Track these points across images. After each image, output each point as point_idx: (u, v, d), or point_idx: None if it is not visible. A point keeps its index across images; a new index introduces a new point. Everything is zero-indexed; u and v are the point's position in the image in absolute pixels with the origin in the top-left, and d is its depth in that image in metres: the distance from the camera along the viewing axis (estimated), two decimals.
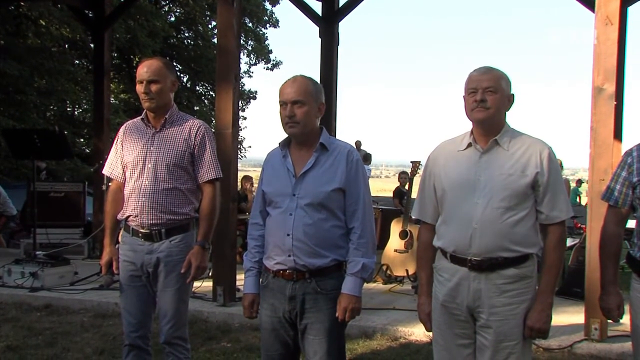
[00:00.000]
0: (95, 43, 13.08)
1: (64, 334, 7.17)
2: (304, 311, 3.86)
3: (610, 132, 7.19)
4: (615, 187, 4.04)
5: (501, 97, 3.71)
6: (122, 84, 25.56)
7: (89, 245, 11.93)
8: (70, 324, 7.59)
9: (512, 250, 3.68)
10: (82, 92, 23.18)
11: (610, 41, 7.08)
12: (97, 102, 12.98)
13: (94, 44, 13.36)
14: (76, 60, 23.93)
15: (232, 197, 8.64)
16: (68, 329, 7.41)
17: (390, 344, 7.06)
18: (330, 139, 4.00)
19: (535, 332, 3.73)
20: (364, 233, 3.90)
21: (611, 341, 6.98)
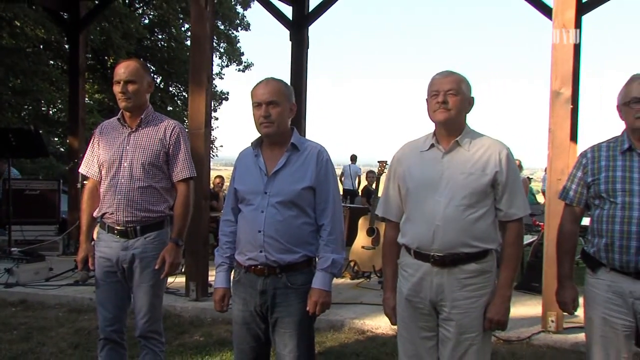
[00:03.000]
0: (70, 44, 12.99)
1: (39, 329, 7.12)
2: (275, 305, 3.87)
3: (567, 135, 7.29)
4: (571, 187, 4.11)
5: (462, 100, 3.76)
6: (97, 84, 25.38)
7: (64, 242, 11.82)
8: (45, 319, 7.53)
9: (473, 246, 3.72)
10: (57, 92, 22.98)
11: (566, 48, 7.17)
12: (71, 101, 12.89)
13: (69, 45, 13.27)
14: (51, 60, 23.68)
15: (205, 195, 8.67)
16: (43, 323, 7.35)
17: (357, 337, 7.11)
18: (301, 139, 4.02)
19: (495, 324, 3.78)
20: (333, 230, 3.92)
21: (567, 332, 7.07)
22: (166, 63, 26.40)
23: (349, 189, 22.86)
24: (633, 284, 3.83)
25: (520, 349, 6.79)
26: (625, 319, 3.89)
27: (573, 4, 7.24)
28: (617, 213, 3.85)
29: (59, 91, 22.83)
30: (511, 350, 6.72)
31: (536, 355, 6.60)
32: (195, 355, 6.31)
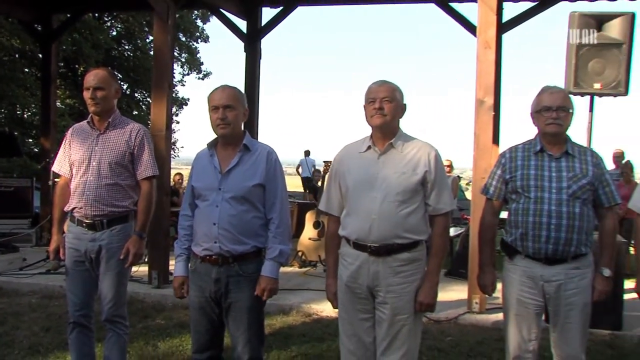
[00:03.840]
0: (43, 53, 12.79)
1: (14, 314, 7.01)
2: (228, 292, 3.88)
3: (490, 138, 7.40)
4: (492, 184, 4.20)
5: (396, 106, 3.82)
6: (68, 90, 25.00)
7: (37, 234, 11.60)
8: (19, 305, 7.41)
9: (405, 237, 3.77)
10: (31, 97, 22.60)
11: (489, 62, 7.31)
12: (44, 106, 12.69)
13: (42, 55, 13.05)
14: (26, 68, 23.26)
15: (166, 192, 8.61)
16: (17, 309, 7.23)
17: (304, 319, 7.14)
18: (252, 141, 4.03)
19: (425, 307, 3.84)
20: (281, 223, 3.94)
21: (488, 313, 7.20)
22: (132, 71, 26.15)
23: (307, 176, 23.21)
24: (543, 268, 3.96)
25: (448, 327, 6.89)
26: (536, 299, 4.01)
27: (494, 23, 7.39)
28: (530, 206, 3.94)
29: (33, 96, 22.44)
30: (440, 329, 6.81)
31: (462, 332, 6.70)
32: (157, 337, 6.27)
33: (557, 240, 3.89)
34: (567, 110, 4.02)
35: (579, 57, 6.77)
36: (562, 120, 3.98)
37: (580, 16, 6.84)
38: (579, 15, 6.84)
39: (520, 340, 4.09)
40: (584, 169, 3.98)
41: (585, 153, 4.08)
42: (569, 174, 3.96)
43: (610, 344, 6.43)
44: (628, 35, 6.76)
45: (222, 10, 10.96)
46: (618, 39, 6.76)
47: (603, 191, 4.03)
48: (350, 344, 3.95)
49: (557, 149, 4.03)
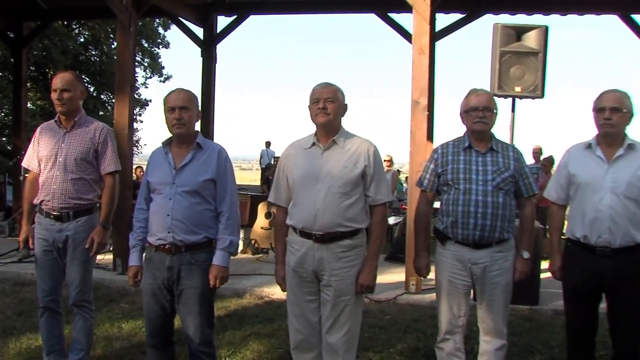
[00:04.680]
0: (15, 58, 12.56)
1: None
2: (180, 279, 3.82)
3: (424, 135, 7.46)
4: (426, 177, 4.22)
5: (338, 106, 3.82)
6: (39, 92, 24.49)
7: (9, 226, 11.39)
8: None
9: (347, 226, 3.78)
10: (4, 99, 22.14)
11: (423, 66, 7.37)
12: (16, 107, 12.47)
13: (14, 59, 12.81)
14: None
15: (128, 186, 8.58)
16: None
17: (257, 302, 7.12)
18: (204, 140, 3.98)
19: (365, 289, 3.85)
20: (231, 215, 3.90)
21: (424, 293, 7.27)
22: (98, 75, 25.80)
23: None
24: (471, 252, 4.00)
25: (387, 307, 6.92)
26: (465, 280, 4.06)
27: (427, 32, 7.46)
28: (460, 197, 3.98)
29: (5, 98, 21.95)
30: (380, 308, 6.83)
31: (400, 311, 6.72)
32: (121, 319, 6.20)
33: (483, 227, 3.93)
34: (492, 110, 4.07)
35: (502, 63, 6.87)
36: (487, 120, 4.03)
37: (503, 27, 6.94)
38: (501, 26, 6.94)
39: (451, 316, 4.13)
40: (506, 163, 4.03)
41: (508, 149, 4.13)
42: (493, 167, 4.01)
43: (528, 317, 6.54)
44: (543, 45, 6.91)
45: (180, 19, 10.86)
46: (535, 48, 6.89)
47: (523, 183, 4.09)
48: (298, 323, 3.94)
49: (483, 146, 4.07)
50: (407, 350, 5.41)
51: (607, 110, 3.88)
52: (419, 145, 7.39)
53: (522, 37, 6.96)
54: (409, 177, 8.00)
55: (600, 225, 3.86)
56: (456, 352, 4.17)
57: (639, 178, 3.85)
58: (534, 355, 5.35)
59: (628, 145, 3.91)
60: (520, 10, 9.69)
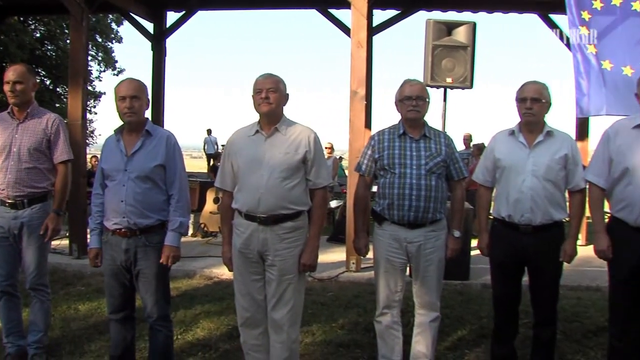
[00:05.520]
0: None
1: None
2: (137, 260, 3.81)
3: (362, 123, 7.49)
4: (363, 162, 4.22)
5: (280, 96, 3.78)
6: None
7: None
8: None
9: (289, 208, 3.75)
10: None
11: (361, 59, 7.38)
12: None
13: None
14: None
15: (82, 174, 8.41)
16: None
17: (206, 282, 7.06)
18: (153, 127, 3.93)
19: (307, 267, 3.85)
20: (180, 198, 3.88)
21: (363, 271, 7.30)
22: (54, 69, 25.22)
23: (211, 153, 23.36)
24: (406, 232, 4.03)
25: (330, 285, 6.93)
26: (401, 258, 4.09)
27: (365, 27, 7.48)
28: (395, 180, 3.99)
29: None
30: (323, 286, 6.83)
31: (341, 288, 6.74)
32: (78, 301, 6.06)
33: (417, 208, 3.95)
34: (425, 99, 4.10)
35: (434, 56, 6.91)
36: (420, 108, 4.05)
37: (434, 23, 7.00)
38: (433, 22, 6.99)
39: (388, 292, 4.16)
40: (438, 149, 4.06)
41: (439, 135, 4.17)
42: (426, 153, 4.03)
43: (460, 291, 6.63)
44: (471, 39, 6.99)
45: (131, 14, 10.61)
46: (464, 42, 6.96)
47: (453, 167, 4.13)
48: (245, 301, 3.91)
49: (417, 132, 4.09)
50: (348, 325, 5.42)
51: (528, 101, 3.95)
52: (357, 132, 7.40)
53: (453, 32, 7.03)
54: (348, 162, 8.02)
55: (523, 205, 3.93)
56: (393, 325, 4.21)
57: (556, 162, 3.93)
58: (465, 325, 5.43)
59: (547, 132, 3.99)
60: (451, 8, 9.75)
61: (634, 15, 7.01)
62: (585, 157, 4.02)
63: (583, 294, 6.60)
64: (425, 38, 6.99)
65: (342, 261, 7.59)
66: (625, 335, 3.85)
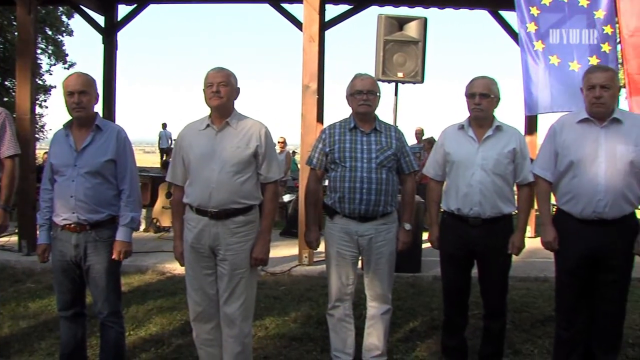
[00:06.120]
0: None
1: None
2: (87, 255, 3.74)
3: (314, 117, 7.49)
4: (315, 156, 4.23)
5: (231, 89, 3.76)
6: None
7: None
8: None
9: (241, 202, 3.74)
10: None
11: (313, 53, 7.38)
12: None
13: None
14: None
15: (32, 169, 8.19)
16: None
17: (159, 277, 6.98)
18: (103, 122, 3.85)
19: (259, 261, 3.84)
20: (131, 193, 3.83)
21: (316, 264, 7.31)
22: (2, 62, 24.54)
23: (165, 147, 23.32)
24: (357, 225, 4.05)
25: (282, 278, 6.93)
26: (352, 251, 4.12)
27: (317, 21, 7.48)
28: (346, 174, 4.00)
29: None
30: (276, 280, 6.83)
31: (294, 282, 6.75)
32: (28, 298, 5.92)
33: (368, 201, 3.98)
34: (375, 93, 4.12)
35: (386, 51, 6.94)
36: (371, 102, 4.08)
37: (386, 18, 7.02)
38: (385, 17, 7.02)
39: (340, 285, 4.18)
40: (389, 142, 4.09)
41: (390, 129, 4.20)
42: (377, 146, 4.06)
43: (412, 283, 6.71)
44: (422, 35, 7.04)
45: (81, 6, 10.39)
46: (415, 37, 7.00)
47: (404, 160, 4.17)
48: (197, 296, 3.88)
49: (368, 126, 4.11)
50: (300, 318, 5.44)
51: (477, 96, 4.00)
52: (309, 126, 7.40)
53: (404, 27, 7.07)
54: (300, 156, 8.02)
55: (472, 198, 3.98)
56: (345, 318, 4.23)
57: (505, 156, 4.00)
58: (416, 317, 5.49)
59: (496, 127, 4.05)
60: (403, 3, 9.81)
61: (581, 11, 7.19)
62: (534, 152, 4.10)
63: (532, 284, 6.76)
64: (377, 33, 7.02)
65: (295, 255, 7.59)
66: (571, 324, 3.95)
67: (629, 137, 3.71)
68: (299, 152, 20.08)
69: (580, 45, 7.17)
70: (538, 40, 7.26)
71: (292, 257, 7.65)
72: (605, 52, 7.09)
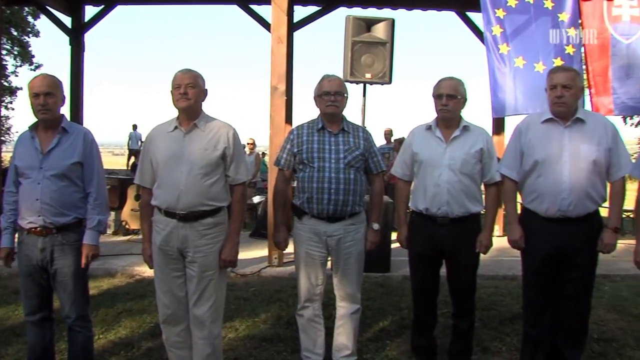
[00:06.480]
0: None
1: None
2: (53, 259, 3.69)
3: (283, 119, 7.49)
4: (283, 156, 4.24)
5: (199, 91, 3.76)
6: None
7: None
8: None
9: (209, 205, 3.73)
10: None
11: (281, 55, 7.36)
12: None
13: None
14: None
15: None
16: None
17: (128, 280, 6.91)
18: (70, 124, 3.81)
19: (228, 263, 3.84)
20: (98, 196, 3.78)
21: (285, 266, 7.31)
22: None
23: (134, 148, 23.12)
24: (326, 226, 4.07)
25: (252, 280, 6.91)
26: (321, 251, 4.13)
27: (285, 22, 7.46)
28: (314, 174, 4.02)
29: None
30: (246, 281, 6.82)
31: (264, 283, 6.74)
32: None
33: (337, 201, 4.00)
34: (343, 94, 4.15)
35: (354, 52, 6.98)
36: (338, 103, 4.10)
37: (354, 19, 7.05)
38: (353, 18, 7.05)
39: (309, 286, 4.19)
40: (356, 143, 4.11)
41: (358, 130, 4.22)
42: (344, 147, 4.08)
43: (381, 283, 6.74)
44: (390, 36, 7.09)
45: (47, 7, 10.25)
46: (383, 38, 7.04)
47: (372, 161, 4.19)
48: (166, 298, 3.87)
49: (335, 127, 4.13)
50: (270, 319, 5.43)
51: (444, 97, 4.04)
52: (277, 128, 7.39)
53: (372, 28, 7.11)
54: (269, 157, 8.02)
55: (440, 198, 4.02)
56: (315, 318, 4.24)
57: (472, 156, 4.04)
58: (385, 317, 5.52)
59: (463, 127, 4.09)
60: (371, 4, 9.86)
61: (546, 13, 7.30)
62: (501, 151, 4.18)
63: (500, 283, 6.84)
64: (345, 34, 7.05)
65: (265, 256, 7.56)
66: (538, 321, 4.01)
67: (592, 137, 3.79)
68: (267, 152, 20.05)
69: (545, 46, 7.28)
70: (503, 43, 7.36)
71: (262, 258, 7.62)
72: (569, 53, 7.21)
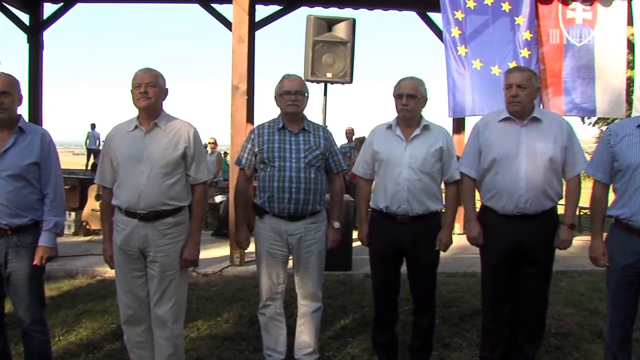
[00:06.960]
0: None
1: None
2: (8, 262, 3.60)
3: (244, 118, 7.49)
4: (244, 156, 4.24)
5: (159, 90, 3.74)
6: None
7: None
8: None
9: (170, 204, 3.72)
10: None
11: (242, 54, 7.37)
12: None
13: None
14: None
15: None
16: None
17: (89, 281, 6.82)
18: (27, 124, 3.73)
19: (189, 263, 3.84)
20: (56, 197, 3.70)
21: (247, 265, 7.31)
22: None
23: (93, 148, 23.05)
24: (287, 224, 4.09)
25: (214, 279, 6.91)
26: (282, 250, 4.15)
27: (246, 22, 7.47)
28: (275, 174, 4.03)
29: None
30: (208, 280, 6.81)
31: (226, 282, 6.73)
32: None
33: (297, 200, 4.02)
34: (303, 94, 4.16)
35: (315, 51, 7.02)
36: (299, 102, 4.12)
37: (315, 19, 7.09)
38: (314, 17, 7.09)
39: (271, 284, 4.20)
40: (317, 142, 4.14)
41: (318, 129, 4.25)
42: (305, 146, 4.10)
43: (343, 281, 6.78)
44: (351, 35, 7.16)
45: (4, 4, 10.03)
46: (344, 38, 7.10)
47: (332, 160, 4.23)
48: (127, 298, 3.85)
49: (296, 126, 4.15)
50: (232, 318, 5.44)
51: (404, 97, 4.08)
52: (239, 127, 7.39)
53: (333, 28, 7.16)
54: (230, 157, 8.00)
55: (400, 196, 4.06)
56: (277, 317, 4.26)
57: (432, 154, 4.09)
58: (347, 315, 5.57)
59: (423, 126, 4.14)
60: (333, 4, 9.88)
61: (503, 15, 7.43)
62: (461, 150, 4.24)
63: (460, 280, 6.95)
64: (306, 33, 7.08)
65: (227, 256, 7.56)
66: (496, 316, 4.10)
67: (548, 135, 3.89)
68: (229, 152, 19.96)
69: (501, 49, 7.42)
70: (462, 45, 7.47)
71: (224, 257, 7.61)
72: (525, 57, 7.37)
